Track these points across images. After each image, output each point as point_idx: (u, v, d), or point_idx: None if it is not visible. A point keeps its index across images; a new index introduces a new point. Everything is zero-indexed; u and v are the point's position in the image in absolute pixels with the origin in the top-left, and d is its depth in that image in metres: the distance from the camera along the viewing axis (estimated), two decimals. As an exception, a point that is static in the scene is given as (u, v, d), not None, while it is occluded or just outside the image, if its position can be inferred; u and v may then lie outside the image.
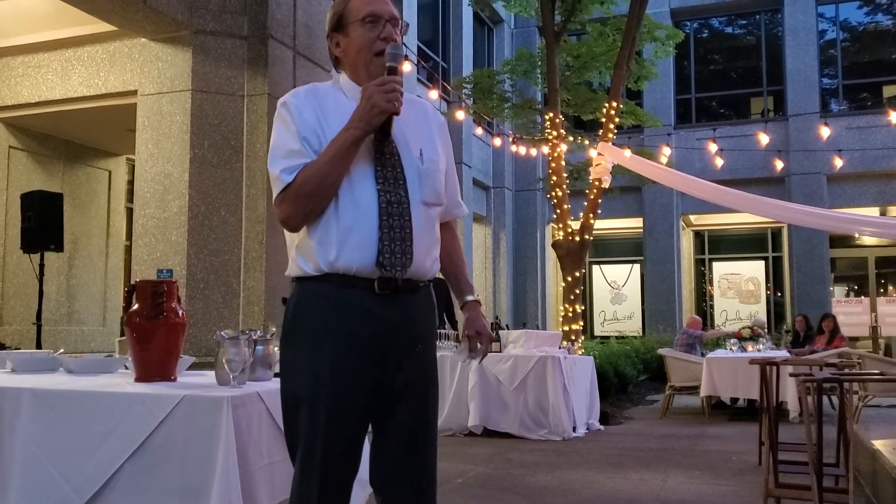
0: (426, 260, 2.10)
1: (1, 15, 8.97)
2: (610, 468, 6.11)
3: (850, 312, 17.91)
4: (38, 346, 7.57)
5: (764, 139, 14.08)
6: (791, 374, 5.64)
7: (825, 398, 8.46)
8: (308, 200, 2.01)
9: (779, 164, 15.44)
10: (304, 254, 2.07)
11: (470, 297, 2.34)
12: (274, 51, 7.98)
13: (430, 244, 2.13)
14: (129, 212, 10.07)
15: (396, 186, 2.06)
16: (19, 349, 6.63)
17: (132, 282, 3.04)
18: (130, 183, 10.15)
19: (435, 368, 2.21)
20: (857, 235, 17.37)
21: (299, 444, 2.04)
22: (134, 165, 8.37)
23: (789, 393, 8.19)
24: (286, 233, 2.15)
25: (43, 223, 8.05)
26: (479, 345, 2.26)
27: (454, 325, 9.41)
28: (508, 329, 8.59)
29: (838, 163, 14.89)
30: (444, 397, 7.72)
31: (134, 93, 8.13)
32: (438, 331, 8.38)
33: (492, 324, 8.31)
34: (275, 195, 2.05)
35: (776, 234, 19.31)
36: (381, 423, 2.11)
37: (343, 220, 2.01)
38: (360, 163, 2.05)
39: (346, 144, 1.99)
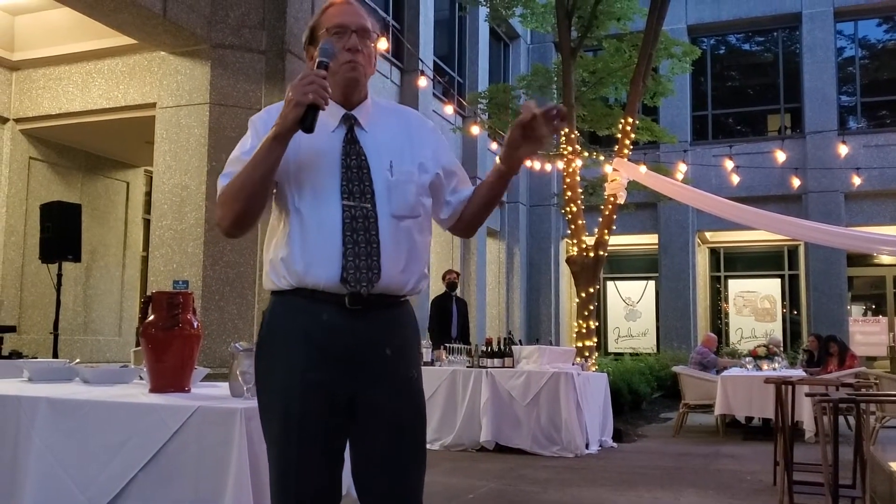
0: (399, 274, 2.05)
1: (24, 28, 9.10)
2: (623, 486, 6.07)
3: (867, 332, 17.75)
4: (55, 356, 7.62)
5: (781, 156, 14.02)
6: (807, 394, 5.59)
7: (841, 418, 8.40)
8: (235, 202, 2.01)
9: (796, 182, 15.37)
10: (275, 268, 2.07)
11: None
12: (291, 65, 8.04)
13: (405, 258, 2.07)
14: (147, 223, 10.14)
15: (363, 200, 2.03)
16: (36, 358, 6.69)
17: (148, 293, 3.06)
18: (148, 194, 10.23)
19: (416, 385, 2.14)
20: (875, 254, 17.27)
21: (271, 461, 2.05)
22: (152, 177, 8.44)
23: (805, 412, 8.12)
24: (263, 245, 2.17)
25: (61, 233, 8.11)
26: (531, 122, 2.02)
27: (467, 341, 9.41)
28: (521, 344, 8.55)
29: (856, 181, 14.82)
30: (457, 412, 7.71)
31: (153, 105, 8.21)
32: (454, 345, 8.38)
33: (504, 339, 8.29)
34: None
35: (793, 251, 19.19)
36: (357, 438, 2.08)
37: (308, 235, 2.01)
38: (325, 177, 2.04)
39: (266, 142, 1.97)
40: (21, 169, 9.45)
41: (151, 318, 2.85)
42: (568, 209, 10.93)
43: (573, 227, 10.87)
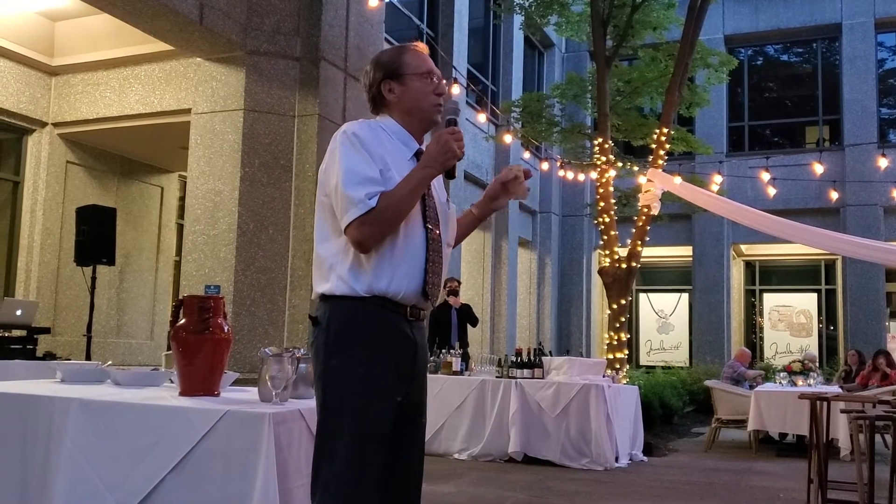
0: (439, 293, 2.42)
1: (63, 34, 9.26)
2: (652, 501, 5.99)
3: (905, 349, 17.40)
4: (88, 358, 7.71)
5: (819, 169, 13.80)
6: (843, 411, 5.48)
7: (878, 437, 8.22)
8: (388, 225, 2.23)
9: (834, 195, 15.11)
10: (357, 275, 2.26)
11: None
12: (325, 72, 8.08)
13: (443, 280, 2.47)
14: (180, 228, 10.24)
15: (436, 227, 2.37)
16: (69, 360, 6.76)
17: (180, 297, 3.08)
18: (182, 199, 10.33)
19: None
20: (914, 270, 16.92)
21: (342, 454, 2.18)
22: (186, 182, 8.52)
23: (840, 430, 7.96)
24: (323, 253, 2.32)
25: (96, 237, 8.20)
26: (513, 181, 2.52)
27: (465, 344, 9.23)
28: (552, 356, 8.49)
29: (896, 194, 14.52)
30: (485, 422, 7.67)
31: (188, 111, 8.30)
32: (467, 350, 8.47)
33: (534, 349, 8.23)
34: (352, 217, 2.19)
35: (830, 266, 18.88)
36: (405, 435, 2.31)
37: (398, 250, 2.27)
38: None
39: (425, 181, 2.27)
40: (58, 172, 9.60)
41: (182, 321, 2.85)
42: (601, 219, 10.85)
43: (606, 237, 10.79)
